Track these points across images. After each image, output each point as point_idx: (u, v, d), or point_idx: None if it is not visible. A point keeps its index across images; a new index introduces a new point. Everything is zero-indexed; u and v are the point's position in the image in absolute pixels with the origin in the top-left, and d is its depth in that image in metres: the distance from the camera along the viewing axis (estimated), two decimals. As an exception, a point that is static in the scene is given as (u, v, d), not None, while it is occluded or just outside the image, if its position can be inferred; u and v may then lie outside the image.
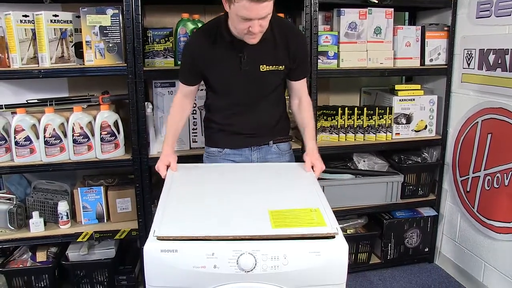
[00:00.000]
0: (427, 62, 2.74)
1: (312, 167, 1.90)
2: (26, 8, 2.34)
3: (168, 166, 1.93)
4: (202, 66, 1.91)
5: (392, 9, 2.62)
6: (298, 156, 2.18)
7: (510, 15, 2.30)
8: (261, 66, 1.88)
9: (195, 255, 1.29)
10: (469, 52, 2.59)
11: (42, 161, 2.34)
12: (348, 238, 2.48)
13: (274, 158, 2.10)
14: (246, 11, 1.61)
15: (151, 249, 1.30)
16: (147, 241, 1.32)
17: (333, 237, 1.35)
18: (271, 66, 1.89)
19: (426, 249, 2.97)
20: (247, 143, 2.06)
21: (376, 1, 2.47)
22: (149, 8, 2.65)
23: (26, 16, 2.26)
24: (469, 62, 2.59)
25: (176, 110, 2.06)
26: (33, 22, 2.27)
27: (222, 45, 1.86)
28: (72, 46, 2.37)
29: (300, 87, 2.05)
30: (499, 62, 2.38)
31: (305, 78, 2.06)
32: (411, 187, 2.85)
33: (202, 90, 2.22)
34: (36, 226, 2.41)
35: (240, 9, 1.61)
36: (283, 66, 1.91)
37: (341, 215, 2.70)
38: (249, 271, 1.28)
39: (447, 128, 2.82)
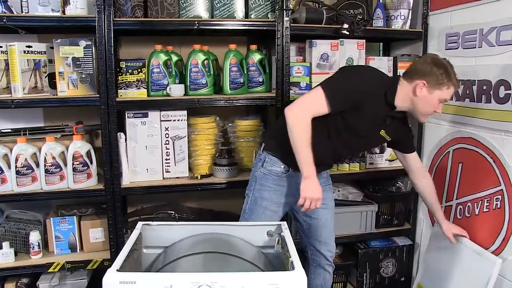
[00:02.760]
0: (399, 92, 2.76)
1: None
2: (2, 38, 2.38)
3: None
4: (358, 107, 1.98)
5: (364, 41, 2.66)
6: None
7: (475, 47, 2.36)
8: (382, 130, 2.11)
9: (153, 286, 1.29)
10: (439, 83, 2.62)
11: (13, 191, 2.34)
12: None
13: (324, 181, 2.24)
14: (449, 96, 1.97)
15: (110, 280, 1.30)
16: (107, 272, 1.32)
17: (293, 268, 1.36)
18: (386, 135, 2.13)
19: (402, 279, 2.96)
20: None
21: (347, 33, 2.51)
22: (125, 39, 2.69)
23: (-1, 47, 2.29)
24: (440, 93, 2.62)
25: (309, 128, 1.95)
26: (6, 52, 2.30)
27: (383, 104, 2.03)
28: (45, 77, 2.40)
29: (416, 162, 2.33)
30: (467, 92, 2.42)
31: (416, 154, 2.33)
32: (386, 217, 2.86)
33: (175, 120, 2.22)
34: (6, 257, 2.39)
35: (446, 94, 1.96)
36: (390, 138, 2.17)
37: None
38: (208, 303, 1.28)
39: (420, 157, 2.81)
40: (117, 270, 1.33)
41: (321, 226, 2.28)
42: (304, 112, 1.95)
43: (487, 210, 2.32)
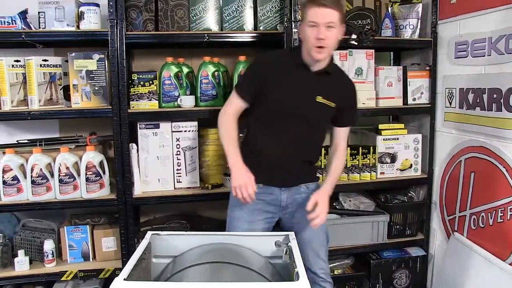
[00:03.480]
0: (410, 101, 2.77)
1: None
2: (19, 52, 2.48)
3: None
4: (265, 81, 2.04)
5: (373, 51, 2.68)
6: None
7: (484, 55, 2.34)
8: (317, 96, 2.06)
9: None
10: (450, 91, 2.61)
11: (28, 200, 2.40)
12: (335, 278, 2.49)
13: (303, 197, 2.14)
14: (314, 17, 1.91)
15: None
16: (114, 280, 1.33)
17: (297, 278, 1.36)
18: (325, 100, 2.07)
19: (416, 290, 2.92)
20: (278, 181, 2.12)
21: (356, 43, 2.52)
22: (137, 52, 2.75)
23: (17, 61, 2.37)
24: (450, 101, 2.61)
25: (232, 123, 2.09)
26: (24, 66, 2.38)
27: (292, 66, 2.05)
28: (60, 89, 2.47)
29: (342, 135, 2.22)
30: (478, 101, 2.40)
31: (348, 128, 2.23)
32: (398, 227, 2.83)
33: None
34: (21, 265, 2.44)
35: (310, 16, 1.92)
36: (335, 105, 2.09)
37: (328, 255, 2.67)
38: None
39: (432, 167, 2.82)
40: (125, 279, 1.35)
41: (305, 247, 2.09)
42: (224, 110, 2.12)
43: (502, 220, 2.28)
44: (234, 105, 2.11)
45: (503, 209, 2.27)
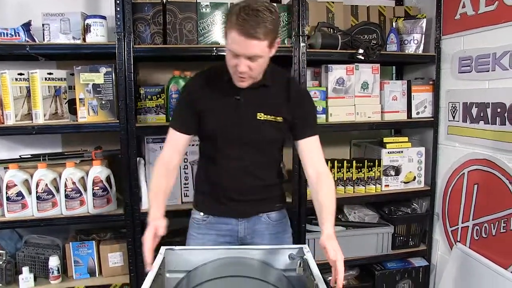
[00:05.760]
0: (414, 115, 2.81)
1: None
2: (21, 65, 2.43)
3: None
4: (198, 107, 1.79)
5: (378, 65, 2.71)
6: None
7: (489, 71, 2.40)
8: (258, 114, 1.77)
9: None
10: (453, 105, 2.66)
11: (33, 216, 2.35)
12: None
13: (264, 229, 1.93)
14: (235, 45, 1.57)
15: None
16: None
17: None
18: (268, 116, 1.77)
19: (419, 300, 2.96)
20: (233, 212, 1.89)
21: (363, 57, 2.54)
22: (142, 65, 2.72)
23: (21, 74, 2.33)
24: (454, 115, 2.66)
25: (161, 171, 1.80)
26: (28, 80, 2.34)
27: (221, 86, 1.78)
28: (65, 103, 2.43)
29: (310, 150, 1.82)
30: (481, 115, 2.45)
31: (316, 140, 1.84)
32: (401, 238, 2.87)
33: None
34: (26, 282, 2.40)
35: (230, 41, 1.58)
36: (281, 118, 1.79)
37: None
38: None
39: (435, 179, 2.86)
40: None
41: None
42: (161, 154, 1.86)
43: (504, 230, 2.34)
44: (171, 142, 1.84)
45: (506, 219, 2.33)
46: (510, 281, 2.24)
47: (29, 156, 2.53)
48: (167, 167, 1.81)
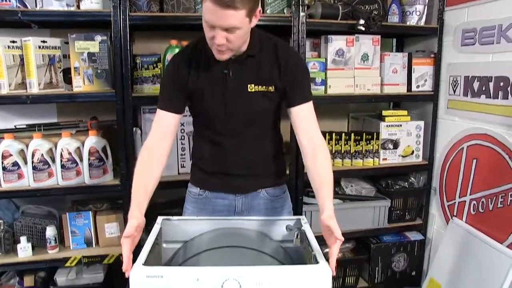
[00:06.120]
0: (414, 88, 2.77)
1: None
2: (14, 33, 2.36)
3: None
4: (187, 85, 1.70)
5: (379, 36, 2.66)
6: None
7: (493, 43, 2.35)
8: (249, 85, 1.68)
9: (180, 280, 1.28)
10: (454, 79, 2.62)
11: (30, 186, 2.34)
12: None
13: (261, 204, 1.88)
14: (209, 15, 1.45)
15: (137, 274, 1.29)
16: (133, 266, 1.32)
17: (317, 262, 1.36)
18: (259, 87, 1.68)
19: (413, 273, 2.98)
20: (231, 188, 1.84)
21: (363, 29, 2.49)
22: (138, 34, 2.66)
23: (13, 41, 2.27)
24: (454, 89, 2.63)
25: (146, 157, 1.68)
26: (21, 48, 2.28)
27: (207, 60, 1.68)
28: (60, 72, 2.38)
29: (303, 118, 1.71)
30: (483, 89, 2.42)
31: (309, 107, 1.72)
32: (398, 212, 2.88)
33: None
34: (24, 251, 2.40)
35: (205, 11, 1.46)
36: (273, 87, 1.69)
37: (329, 239, 2.71)
38: (234, 297, 1.28)
39: (433, 154, 2.85)
40: (144, 264, 1.34)
41: None
42: (147, 140, 1.75)
43: (502, 205, 2.33)
44: (160, 126, 1.74)
45: (504, 194, 2.32)
46: (505, 255, 2.25)
47: (24, 126, 2.51)
48: (151, 157, 1.69)
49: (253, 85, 1.68)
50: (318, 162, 1.66)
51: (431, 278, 2.71)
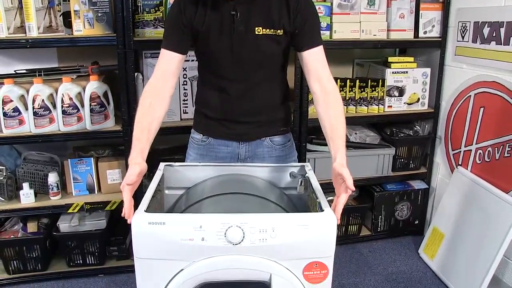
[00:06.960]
0: (421, 34, 2.71)
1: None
2: (11, -25, 2.29)
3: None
4: (192, 25, 1.62)
5: (387, -21, 2.58)
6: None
7: (506, -14, 2.27)
8: (256, 28, 1.60)
9: (182, 227, 1.27)
10: (463, 25, 2.56)
11: (31, 132, 2.32)
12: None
13: (265, 152, 1.84)
14: None
15: (139, 221, 1.28)
16: (135, 213, 1.30)
17: (322, 210, 1.35)
18: (268, 30, 1.61)
19: (416, 222, 3.00)
20: (235, 135, 1.80)
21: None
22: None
23: (11, -17, 2.21)
24: (463, 35, 2.56)
25: (149, 99, 1.62)
26: (18, -11, 2.22)
27: (214, 2, 1.61)
28: (60, 16, 2.32)
29: (314, 62, 1.64)
30: (494, 35, 2.35)
31: (320, 51, 1.65)
32: (402, 160, 2.87)
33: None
34: (27, 198, 2.41)
35: None
36: (282, 31, 1.62)
37: (332, 187, 2.69)
38: (237, 244, 1.27)
39: (439, 102, 2.81)
40: (145, 211, 1.32)
41: None
42: (149, 80, 1.69)
43: (508, 155, 2.31)
44: (164, 65, 1.67)
45: (511, 143, 2.30)
46: (510, 204, 2.24)
47: (24, 71, 2.47)
48: (154, 99, 1.62)
49: (261, 28, 1.61)
50: (331, 110, 1.58)
51: (435, 227, 2.72)
